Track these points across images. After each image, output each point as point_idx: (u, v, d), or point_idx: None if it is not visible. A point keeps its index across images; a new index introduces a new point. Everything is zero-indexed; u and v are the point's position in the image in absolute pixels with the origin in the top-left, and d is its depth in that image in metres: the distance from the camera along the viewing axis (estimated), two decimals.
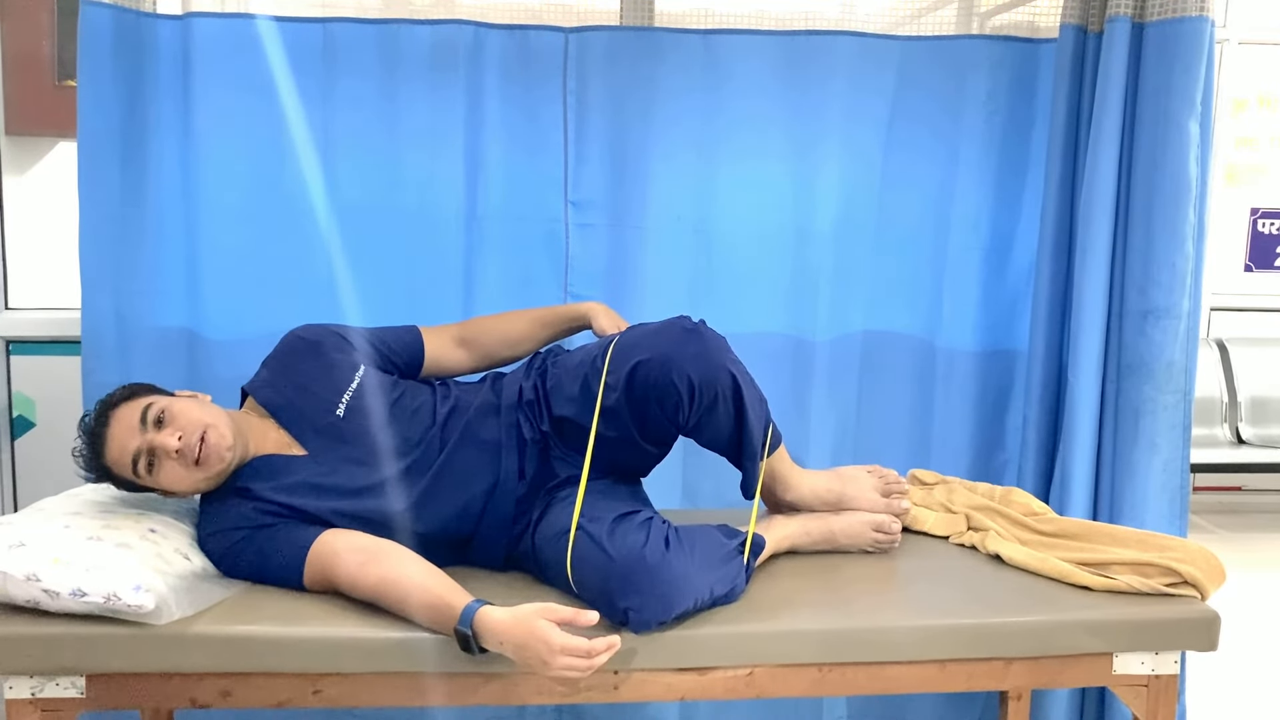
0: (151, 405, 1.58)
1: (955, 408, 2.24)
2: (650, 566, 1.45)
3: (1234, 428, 4.29)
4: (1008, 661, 1.56)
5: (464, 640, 1.41)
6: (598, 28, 2.11)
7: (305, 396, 1.71)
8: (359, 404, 1.70)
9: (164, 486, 1.60)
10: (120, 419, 1.58)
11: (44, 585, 1.39)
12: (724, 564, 1.56)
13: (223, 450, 1.57)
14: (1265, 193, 4.62)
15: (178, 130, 2.06)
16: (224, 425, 1.60)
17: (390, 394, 1.73)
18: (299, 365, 1.74)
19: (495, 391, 1.77)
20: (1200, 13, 1.92)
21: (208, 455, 1.56)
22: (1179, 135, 1.94)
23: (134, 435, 1.56)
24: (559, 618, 1.39)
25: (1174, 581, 1.61)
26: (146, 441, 1.56)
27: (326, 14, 2.08)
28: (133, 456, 1.56)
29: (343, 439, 1.68)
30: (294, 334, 1.79)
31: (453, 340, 1.88)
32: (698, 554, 1.52)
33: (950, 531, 1.89)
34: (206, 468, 1.57)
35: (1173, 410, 2.01)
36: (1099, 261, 2.02)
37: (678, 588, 1.46)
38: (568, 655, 1.37)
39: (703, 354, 1.54)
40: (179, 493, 1.62)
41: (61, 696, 1.44)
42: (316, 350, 1.75)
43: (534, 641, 1.37)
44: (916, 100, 2.16)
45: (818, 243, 2.18)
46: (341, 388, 1.71)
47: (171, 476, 1.58)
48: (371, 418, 1.68)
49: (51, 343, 2.38)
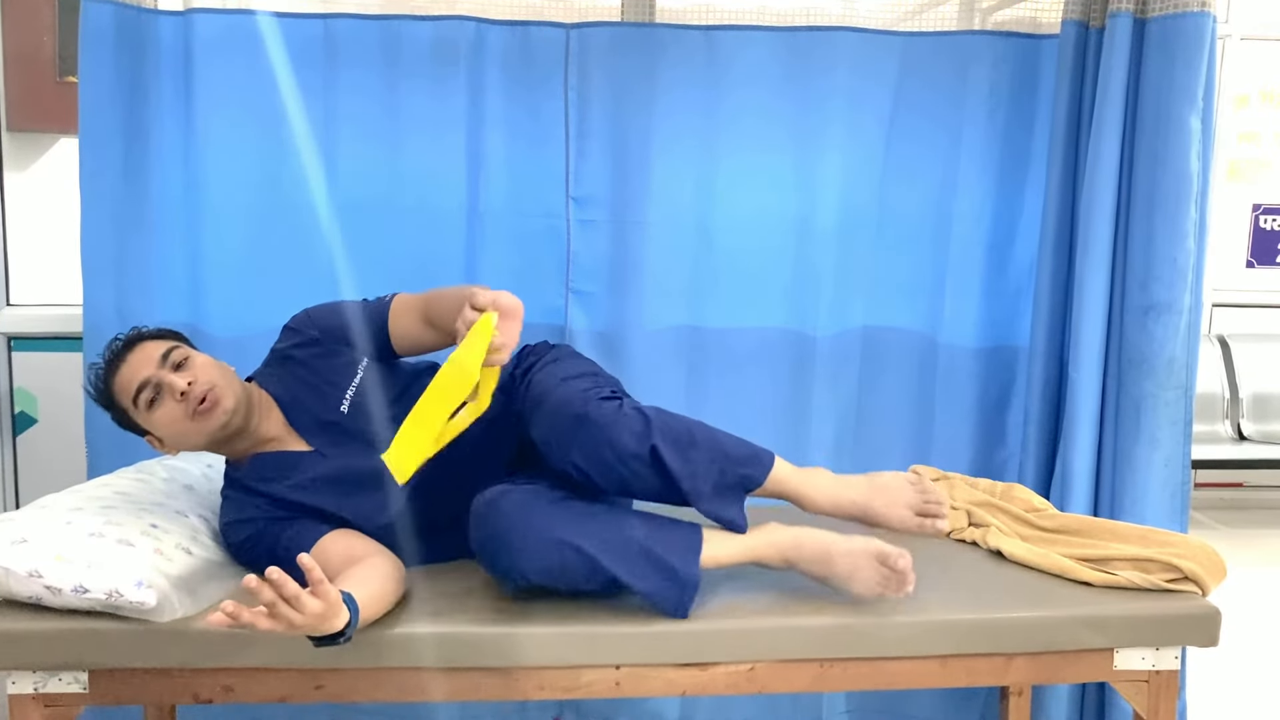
0: (177, 349, 1.62)
1: (956, 403, 2.24)
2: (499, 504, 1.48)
3: (1235, 424, 4.29)
4: (1009, 657, 1.56)
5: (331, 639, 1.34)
6: (599, 24, 2.11)
7: (309, 392, 1.71)
8: (362, 401, 1.70)
9: (157, 427, 1.60)
10: (144, 349, 1.62)
11: (46, 582, 1.39)
12: (624, 546, 1.49)
13: (224, 408, 1.58)
14: (1267, 189, 4.61)
15: (179, 126, 2.06)
16: (235, 390, 1.61)
17: (393, 389, 1.71)
18: (301, 358, 1.74)
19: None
20: (1202, 8, 1.92)
21: (208, 408, 1.57)
22: (1180, 131, 1.94)
23: (149, 366, 1.59)
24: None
25: (1175, 577, 1.61)
26: (158, 376, 1.58)
27: (327, 10, 2.08)
28: (139, 385, 1.58)
29: (347, 435, 1.68)
30: (293, 327, 1.78)
31: (418, 318, 1.72)
32: (586, 522, 1.49)
33: (951, 527, 1.89)
34: (203, 420, 1.57)
35: (1174, 406, 2.01)
36: (1100, 257, 2.02)
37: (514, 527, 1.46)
38: None
39: (592, 442, 1.50)
40: (167, 442, 1.62)
41: (64, 691, 1.44)
42: (317, 344, 1.74)
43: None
44: (918, 96, 2.16)
45: (819, 238, 2.18)
46: (344, 384, 1.71)
47: (167, 418, 1.58)
48: (373, 416, 1.68)
49: (53, 339, 2.38)
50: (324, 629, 1.30)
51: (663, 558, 1.49)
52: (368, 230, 2.10)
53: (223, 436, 1.61)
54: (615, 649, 1.48)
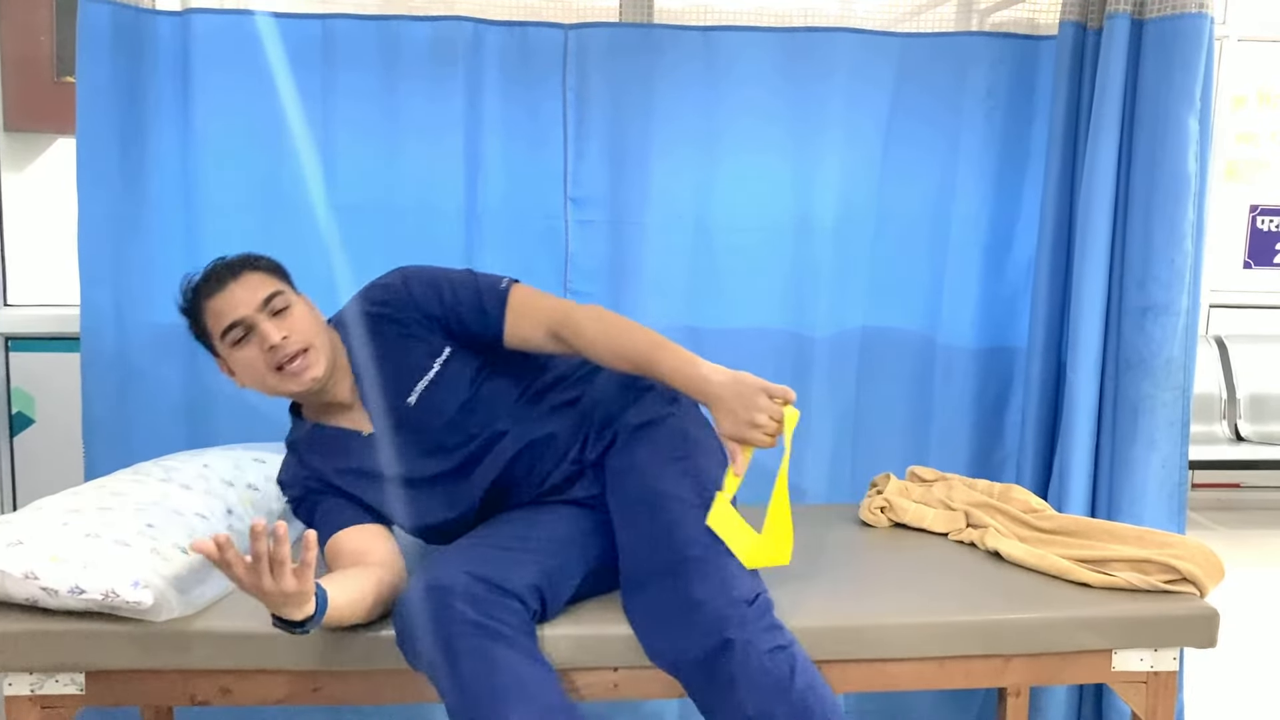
0: (283, 295, 1.58)
1: (954, 404, 2.24)
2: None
3: (1233, 424, 4.29)
4: (1007, 658, 1.56)
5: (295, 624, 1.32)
6: (597, 24, 2.11)
7: (384, 368, 1.64)
8: (431, 398, 1.62)
9: (234, 365, 1.58)
10: (249, 283, 1.57)
11: (42, 583, 1.39)
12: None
13: (312, 375, 1.56)
14: (1265, 190, 4.62)
15: (177, 126, 2.05)
16: (328, 355, 1.59)
17: (467, 389, 1.63)
18: (386, 329, 1.65)
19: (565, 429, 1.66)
20: (1199, 9, 1.92)
21: (296, 371, 1.55)
22: (1178, 132, 1.94)
23: (250, 305, 1.55)
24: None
25: (1173, 578, 1.61)
26: (256, 319, 1.54)
27: (326, 10, 2.08)
28: (232, 322, 1.55)
29: (407, 429, 1.63)
30: (386, 289, 1.66)
31: (544, 331, 1.62)
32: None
33: (949, 528, 1.89)
34: (285, 380, 1.56)
35: (1171, 407, 2.01)
36: (1098, 258, 2.02)
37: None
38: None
39: (719, 677, 1.40)
40: (237, 379, 1.61)
41: (61, 693, 1.44)
42: (402, 318, 1.64)
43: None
44: (916, 97, 2.16)
45: (817, 239, 2.18)
46: (418, 374, 1.63)
47: (249, 363, 1.56)
48: (439, 415, 1.62)
49: (51, 339, 2.38)
50: (284, 611, 1.28)
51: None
52: (365, 231, 2.10)
53: (291, 394, 1.60)
54: (613, 651, 1.47)
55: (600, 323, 1.60)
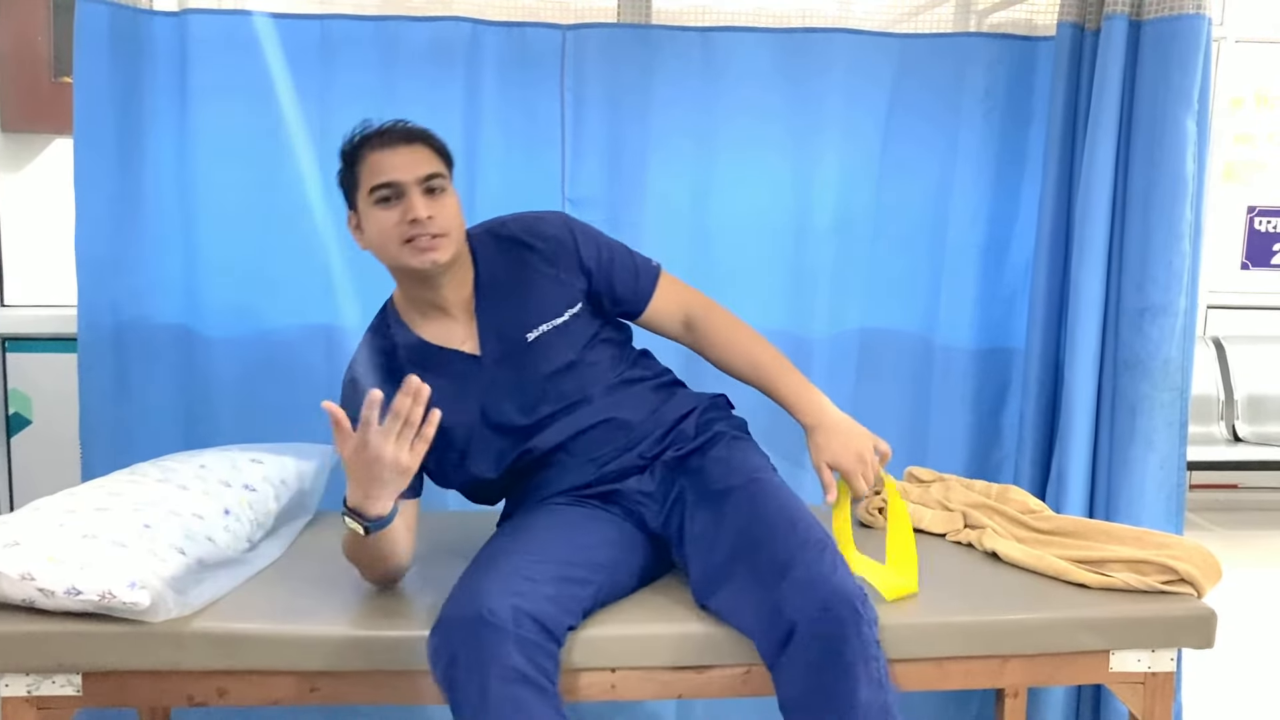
0: (442, 179, 1.56)
1: (952, 405, 2.25)
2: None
3: (1230, 425, 4.29)
4: (1004, 659, 1.56)
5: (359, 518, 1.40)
6: (595, 25, 2.11)
7: (514, 294, 1.62)
8: (550, 342, 1.62)
9: (367, 223, 1.55)
10: (420, 154, 1.55)
11: (39, 584, 1.38)
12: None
13: (433, 258, 1.53)
14: (1262, 191, 4.63)
15: (174, 127, 2.05)
16: (454, 249, 1.55)
17: (577, 351, 1.63)
18: (531, 259, 1.64)
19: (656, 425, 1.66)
20: (1197, 11, 1.92)
21: (423, 249, 1.52)
22: (1176, 133, 1.94)
23: (411, 173, 1.53)
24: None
25: (1170, 579, 1.61)
26: (410, 189, 1.52)
27: (324, 10, 2.08)
28: (386, 181, 1.52)
29: (515, 365, 1.61)
30: (548, 224, 1.67)
31: (681, 318, 1.73)
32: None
33: (947, 529, 1.89)
34: (408, 253, 1.53)
35: (1169, 408, 2.01)
36: (1096, 259, 2.02)
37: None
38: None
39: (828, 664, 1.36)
40: (361, 238, 1.59)
41: (58, 694, 1.44)
42: (555, 258, 1.64)
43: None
44: (914, 98, 2.16)
45: (815, 240, 2.18)
46: (548, 314, 1.62)
47: (384, 225, 1.53)
48: (551, 362, 1.61)
49: (48, 340, 2.38)
50: (374, 494, 1.36)
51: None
52: None
53: (407, 271, 1.57)
54: (610, 652, 1.47)
55: (735, 325, 1.71)
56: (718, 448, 1.65)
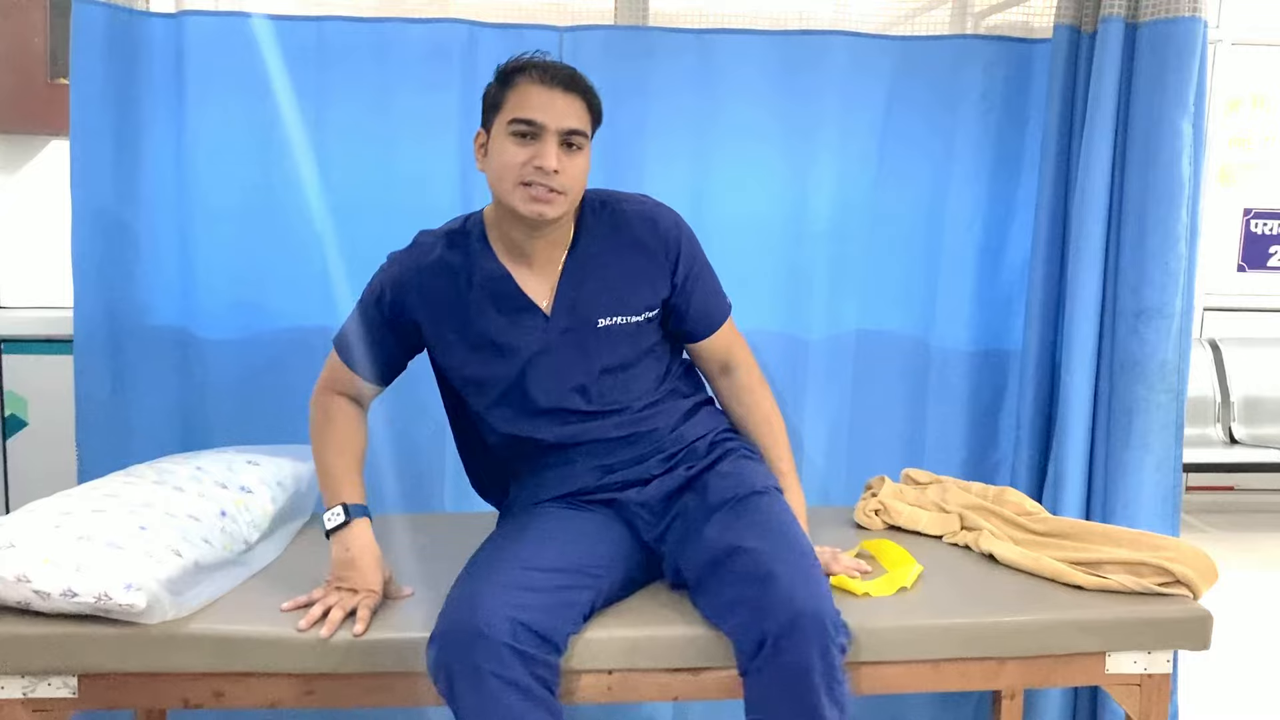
0: (584, 138, 1.53)
1: (949, 407, 2.25)
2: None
3: (1227, 427, 4.30)
4: (1001, 661, 1.56)
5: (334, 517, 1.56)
6: (592, 27, 2.11)
7: (602, 274, 1.60)
8: (616, 334, 1.60)
9: (495, 152, 1.52)
10: (574, 106, 1.51)
11: (34, 586, 1.38)
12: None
13: (542, 208, 1.50)
14: (1258, 193, 4.64)
15: (171, 128, 2.05)
16: (566, 207, 1.53)
17: (638, 353, 1.63)
18: (626, 246, 1.62)
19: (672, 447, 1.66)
20: (1193, 13, 1.92)
21: (536, 199, 1.49)
22: (1172, 135, 1.94)
23: (558, 121, 1.49)
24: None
25: (1166, 581, 1.61)
26: (550, 136, 1.49)
27: (320, 12, 2.07)
28: (530, 119, 1.48)
29: (578, 338, 1.59)
30: (663, 223, 1.64)
31: (723, 362, 1.74)
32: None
33: (944, 531, 1.89)
34: (520, 199, 1.50)
35: (1165, 410, 2.01)
36: (1092, 261, 2.03)
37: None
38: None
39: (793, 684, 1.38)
40: (484, 160, 1.56)
41: (53, 696, 1.44)
42: (649, 257, 1.62)
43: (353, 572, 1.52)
44: (911, 99, 2.17)
45: (812, 242, 2.18)
46: (624, 308, 1.61)
47: (508, 158, 1.50)
48: (605, 357, 1.60)
49: (44, 341, 2.37)
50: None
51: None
52: (360, 233, 2.09)
53: (511, 211, 1.53)
54: (607, 654, 1.47)
55: (765, 394, 1.74)
56: (725, 463, 1.65)
